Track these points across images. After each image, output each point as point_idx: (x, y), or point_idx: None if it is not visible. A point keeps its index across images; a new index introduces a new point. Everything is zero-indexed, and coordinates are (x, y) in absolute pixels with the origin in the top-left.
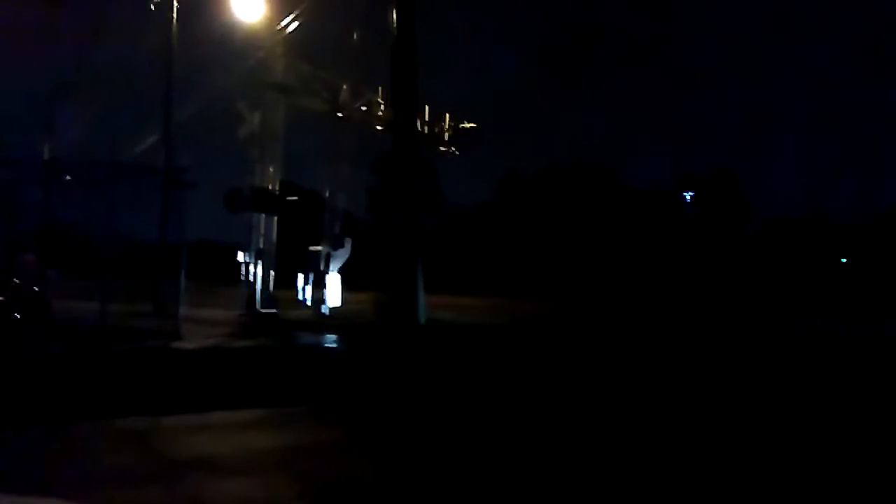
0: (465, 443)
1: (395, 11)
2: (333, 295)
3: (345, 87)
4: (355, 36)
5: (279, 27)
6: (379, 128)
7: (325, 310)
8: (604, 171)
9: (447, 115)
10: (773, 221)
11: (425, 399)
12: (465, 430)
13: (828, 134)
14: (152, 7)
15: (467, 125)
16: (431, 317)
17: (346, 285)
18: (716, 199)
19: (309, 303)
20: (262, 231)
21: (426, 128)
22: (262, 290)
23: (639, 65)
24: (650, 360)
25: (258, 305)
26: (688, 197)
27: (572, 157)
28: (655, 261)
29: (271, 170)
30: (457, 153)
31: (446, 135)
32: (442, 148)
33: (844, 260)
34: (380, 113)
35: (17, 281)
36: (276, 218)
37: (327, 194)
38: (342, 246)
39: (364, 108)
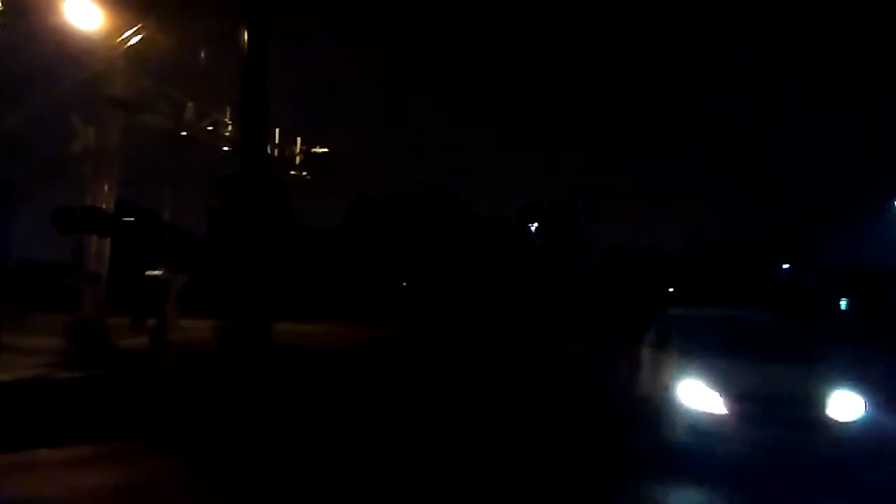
0: (303, 471)
1: (246, 30)
2: (172, 322)
3: (189, 104)
4: (203, 53)
5: (120, 39)
6: (225, 148)
7: (162, 338)
8: (453, 200)
9: (298, 139)
10: (609, 251)
11: (266, 428)
12: (304, 458)
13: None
14: None
15: (319, 150)
16: (278, 343)
17: (187, 311)
18: (557, 230)
19: (145, 330)
20: (95, 253)
21: (276, 150)
22: (92, 317)
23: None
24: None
25: (88, 333)
26: (532, 228)
27: (428, 186)
28: (499, 287)
29: (106, 188)
30: (308, 177)
31: (297, 158)
32: (293, 172)
33: (671, 290)
34: (227, 133)
35: None
36: (109, 240)
37: (167, 216)
38: (182, 270)
39: (210, 128)
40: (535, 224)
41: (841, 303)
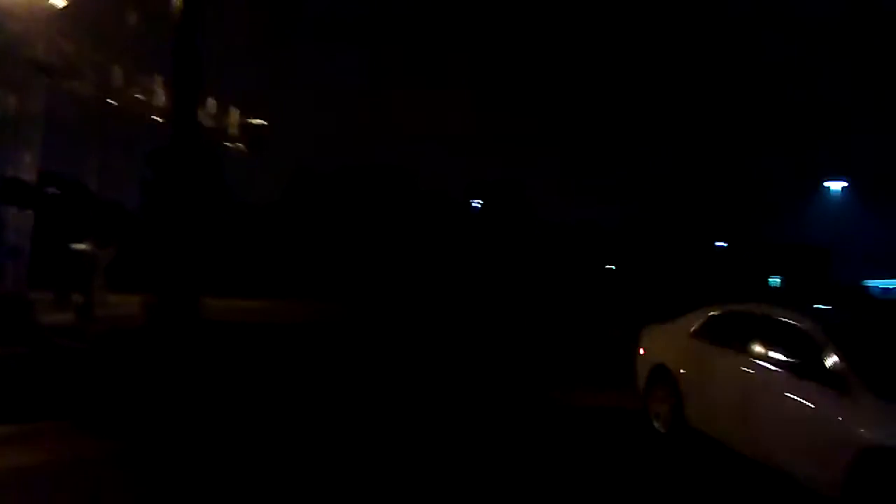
0: (228, 449)
1: None
2: (99, 297)
3: (117, 70)
4: (132, 15)
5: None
6: (156, 118)
7: (88, 314)
8: (400, 174)
9: (235, 111)
10: (553, 225)
11: (192, 405)
12: (230, 436)
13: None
14: None
15: (256, 122)
16: (209, 320)
17: (116, 286)
18: (503, 205)
19: (70, 306)
20: (15, 226)
21: (211, 121)
22: (13, 292)
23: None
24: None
25: (9, 309)
26: (477, 203)
27: (383, 161)
28: (444, 262)
29: (28, 158)
30: (245, 150)
31: (233, 130)
32: (228, 144)
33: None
34: (158, 102)
35: None
36: (31, 212)
37: (95, 187)
38: (110, 244)
39: (140, 96)
40: (480, 201)
41: (771, 280)
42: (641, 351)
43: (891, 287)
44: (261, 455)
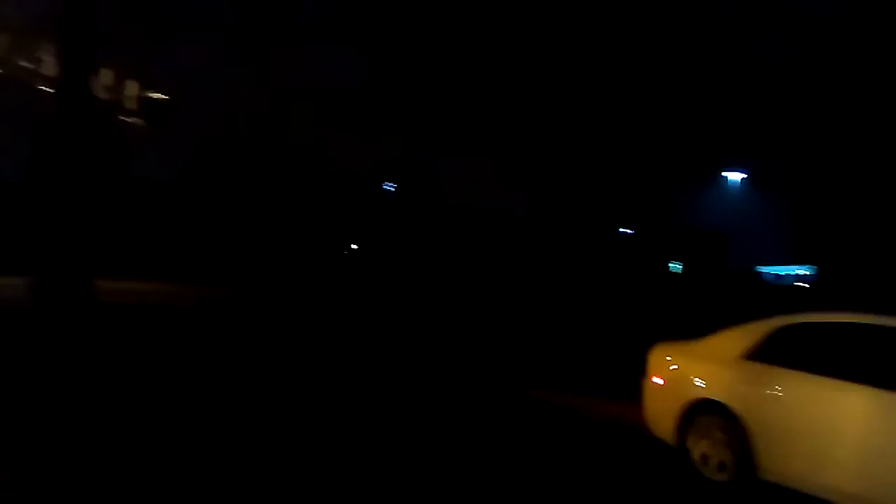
0: (116, 435)
1: None
2: None
3: (2, 37)
4: None
5: None
6: (45, 88)
7: None
8: (305, 153)
9: (134, 83)
10: (462, 208)
11: (81, 390)
12: (119, 422)
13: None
14: None
15: (157, 96)
16: (101, 302)
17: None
18: (415, 187)
19: None
20: None
21: (106, 93)
22: None
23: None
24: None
25: None
26: (390, 186)
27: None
28: (350, 245)
29: None
30: (144, 124)
31: (131, 103)
32: (126, 118)
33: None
34: (47, 71)
35: None
36: None
37: None
38: None
39: (26, 64)
40: (393, 184)
41: (671, 265)
42: (659, 381)
43: (782, 273)
44: (146, 453)
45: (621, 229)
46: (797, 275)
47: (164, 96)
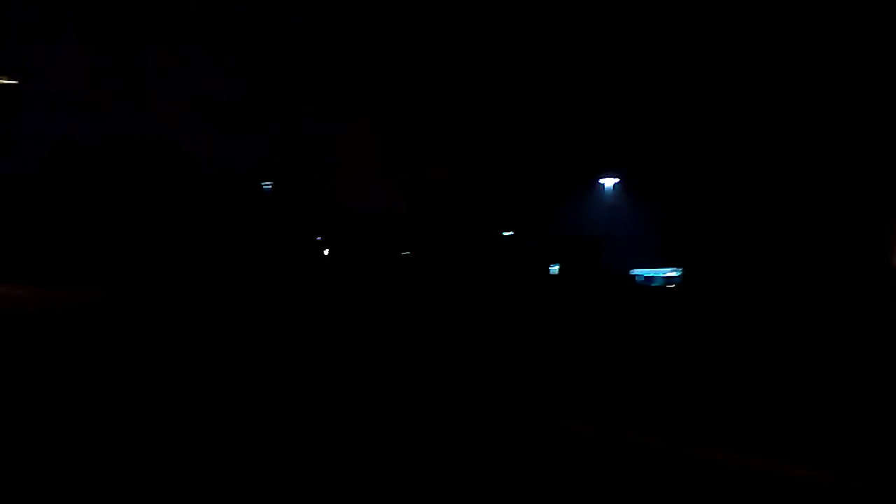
0: None
1: None
2: None
3: None
4: None
5: None
6: None
7: None
8: (174, 147)
9: None
10: (348, 211)
11: None
12: None
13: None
14: None
15: (3, 81)
16: None
17: None
18: (293, 187)
19: None
20: None
21: None
22: None
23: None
24: None
25: None
26: (267, 185)
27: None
28: (218, 246)
29: None
30: None
31: None
32: None
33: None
34: None
35: None
36: None
37: None
38: None
39: None
40: (270, 182)
41: (550, 267)
42: None
43: (651, 275)
44: None
45: (504, 232)
46: (666, 276)
47: (13, 81)
